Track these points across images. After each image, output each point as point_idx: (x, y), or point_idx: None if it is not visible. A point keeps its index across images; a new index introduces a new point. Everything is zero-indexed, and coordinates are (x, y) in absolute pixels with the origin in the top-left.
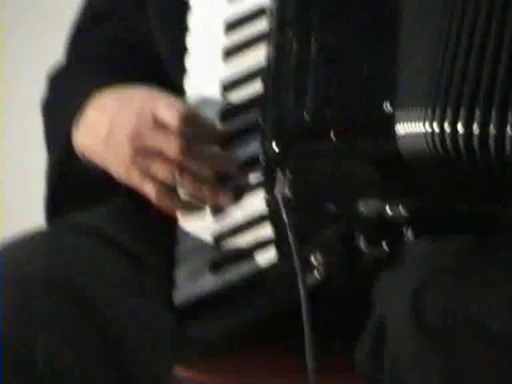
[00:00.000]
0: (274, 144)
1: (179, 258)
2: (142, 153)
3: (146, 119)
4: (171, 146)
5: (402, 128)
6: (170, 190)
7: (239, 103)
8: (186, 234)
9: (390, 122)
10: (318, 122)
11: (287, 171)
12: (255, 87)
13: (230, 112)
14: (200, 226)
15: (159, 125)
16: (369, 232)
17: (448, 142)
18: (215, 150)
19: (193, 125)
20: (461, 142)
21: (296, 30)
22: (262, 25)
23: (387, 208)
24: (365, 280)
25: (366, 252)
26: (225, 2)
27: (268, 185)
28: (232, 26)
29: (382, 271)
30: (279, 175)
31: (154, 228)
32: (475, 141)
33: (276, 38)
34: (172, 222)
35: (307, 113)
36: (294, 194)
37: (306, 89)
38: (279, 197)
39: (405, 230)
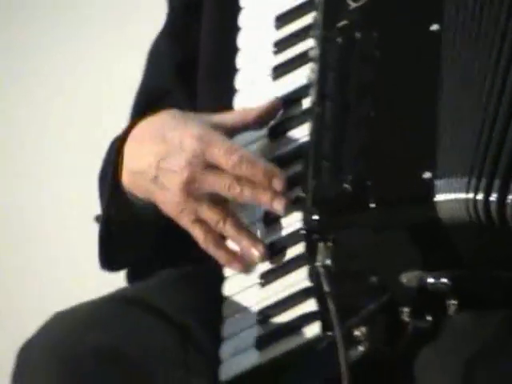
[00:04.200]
0: (315, 214)
1: (225, 335)
2: (194, 197)
3: (199, 164)
4: (224, 188)
5: (442, 195)
6: (218, 236)
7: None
8: (232, 307)
9: (429, 189)
10: (359, 191)
11: (328, 241)
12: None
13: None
14: (243, 289)
15: (212, 167)
16: (412, 304)
17: (491, 208)
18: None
19: (249, 172)
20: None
21: (334, 102)
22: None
23: (429, 278)
24: (406, 353)
25: (410, 325)
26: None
27: (310, 256)
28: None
29: (424, 344)
30: (320, 245)
31: (203, 301)
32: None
33: (316, 110)
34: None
35: (348, 182)
36: (335, 265)
37: (346, 159)
38: (321, 267)
39: (448, 302)
